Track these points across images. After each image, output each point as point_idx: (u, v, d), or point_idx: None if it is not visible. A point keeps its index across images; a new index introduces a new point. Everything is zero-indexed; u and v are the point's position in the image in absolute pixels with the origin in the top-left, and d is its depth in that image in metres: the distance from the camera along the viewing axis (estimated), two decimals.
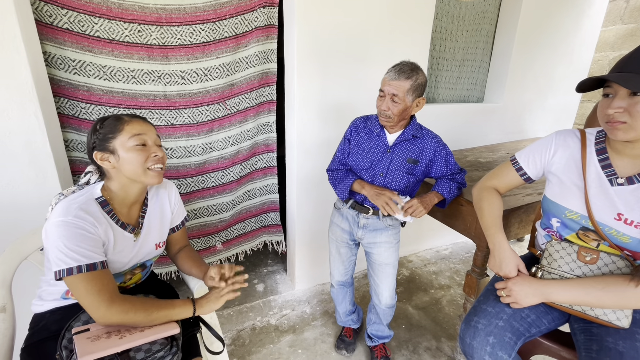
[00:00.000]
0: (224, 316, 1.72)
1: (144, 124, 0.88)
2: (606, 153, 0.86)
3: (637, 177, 0.80)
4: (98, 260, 0.78)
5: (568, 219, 0.92)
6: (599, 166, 0.86)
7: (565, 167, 0.92)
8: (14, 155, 1.13)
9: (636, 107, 0.73)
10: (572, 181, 0.90)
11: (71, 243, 0.75)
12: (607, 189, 0.84)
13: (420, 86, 1.08)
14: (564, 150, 0.93)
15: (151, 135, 0.88)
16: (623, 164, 0.83)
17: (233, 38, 1.50)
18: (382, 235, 1.26)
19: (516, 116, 2.42)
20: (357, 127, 1.25)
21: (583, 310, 0.88)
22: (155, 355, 0.77)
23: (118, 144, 0.83)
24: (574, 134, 0.94)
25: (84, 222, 0.77)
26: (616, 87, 0.76)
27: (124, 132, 0.84)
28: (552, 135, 0.97)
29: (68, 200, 0.81)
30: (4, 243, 0.99)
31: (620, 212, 0.81)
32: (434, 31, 2.00)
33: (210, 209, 1.73)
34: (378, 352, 1.46)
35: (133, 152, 0.84)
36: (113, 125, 0.84)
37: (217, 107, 1.57)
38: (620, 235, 0.83)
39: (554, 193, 0.94)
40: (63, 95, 1.29)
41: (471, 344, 0.93)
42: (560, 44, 2.37)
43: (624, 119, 0.75)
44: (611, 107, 0.76)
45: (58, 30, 1.21)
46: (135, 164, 0.84)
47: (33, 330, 0.88)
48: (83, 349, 0.72)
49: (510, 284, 0.92)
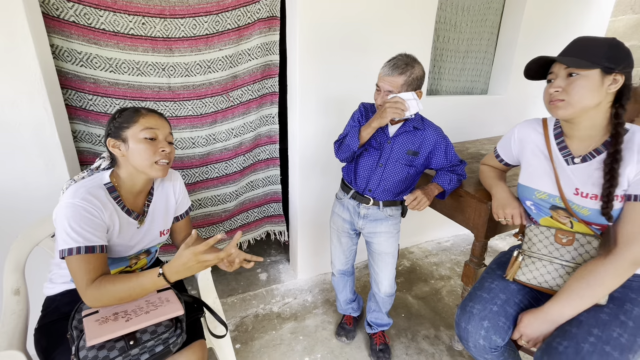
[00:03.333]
0: (228, 303, 1.77)
1: (159, 119, 0.91)
2: (562, 137, 0.96)
3: (588, 155, 0.90)
4: (97, 244, 0.82)
5: (538, 199, 0.99)
6: (557, 148, 0.96)
7: (532, 153, 1.02)
8: (24, 146, 1.17)
9: (571, 85, 0.83)
10: (538, 164, 0.99)
11: (75, 224, 0.79)
12: (564, 168, 0.93)
13: (415, 80, 1.08)
14: (527, 138, 1.04)
15: (163, 131, 0.91)
16: (576, 146, 0.93)
17: (235, 30, 1.51)
18: (382, 225, 1.28)
19: (521, 108, 2.40)
20: (366, 110, 1.26)
21: (551, 287, 0.95)
22: (161, 337, 0.81)
23: (130, 133, 0.87)
24: (536, 122, 1.05)
25: (89, 205, 0.81)
26: (556, 70, 0.87)
27: (137, 124, 0.87)
28: (516, 126, 1.10)
29: (78, 184, 0.85)
30: (16, 230, 1.03)
31: (577, 187, 0.90)
32: (437, 22, 1.98)
33: (214, 199, 1.77)
34: (377, 339, 1.49)
35: (142, 144, 0.87)
36: (130, 115, 0.88)
37: (221, 99, 1.59)
38: (581, 208, 0.90)
39: (525, 178, 1.04)
40: (70, 87, 1.32)
41: (466, 328, 0.97)
42: (567, 35, 2.32)
43: (562, 97, 0.85)
44: (552, 86, 0.87)
45: (65, 23, 1.24)
46: (143, 156, 0.87)
47: (45, 312, 0.93)
48: (92, 332, 0.76)
49: (522, 328, 0.91)
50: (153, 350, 0.79)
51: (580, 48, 0.85)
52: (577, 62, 0.81)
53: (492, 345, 0.92)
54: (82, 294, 0.79)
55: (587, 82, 0.81)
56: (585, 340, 0.79)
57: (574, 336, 0.80)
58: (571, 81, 0.83)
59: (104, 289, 0.79)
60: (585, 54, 0.82)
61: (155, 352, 0.79)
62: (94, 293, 0.79)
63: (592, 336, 0.79)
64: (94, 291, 0.79)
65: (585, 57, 0.81)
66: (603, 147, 0.87)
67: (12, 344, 0.81)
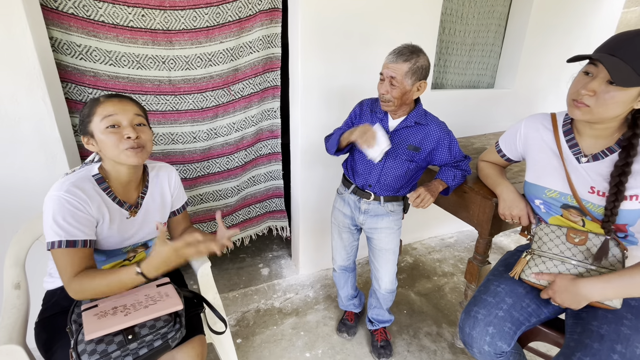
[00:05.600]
0: (230, 298, 1.77)
1: (118, 103, 0.84)
2: (572, 134, 0.92)
3: (601, 154, 0.87)
4: (80, 238, 0.81)
5: (549, 198, 0.95)
6: (566, 146, 0.92)
7: (540, 150, 0.97)
8: (24, 139, 1.16)
9: (606, 95, 0.76)
10: (548, 162, 0.95)
11: (59, 217, 0.79)
12: (576, 166, 0.90)
13: (420, 69, 1.05)
14: (534, 134, 1.00)
15: (126, 115, 0.84)
16: (587, 144, 0.89)
17: (237, 22, 1.48)
18: (383, 220, 1.26)
19: (528, 103, 2.35)
20: (362, 110, 1.25)
21: None
22: (159, 331, 0.80)
23: (94, 126, 0.83)
24: (544, 117, 1.00)
25: (73, 198, 0.80)
26: (601, 69, 0.76)
27: (96, 115, 0.82)
28: (522, 120, 1.04)
29: (65, 177, 0.84)
30: (17, 224, 1.03)
31: (592, 185, 0.87)
32: (443, 13, 1.93)
33: (216, 194, 1.76)
34: (378, 335, 1.48)
35: (105, 135, 0.82)
36: (89, 108, 0.84)
37: (222, 92, 1.58)
38: (597, 207, 0.86)
39: (533, 175, 1.00)
40: (70, 81, 1.31)
41: (470, 333, 0.94)
42: (577, 27, 2.26)
43: (589, 103, 0.78)
44: (586, 88, 0.78)
45: (63, 15, 1.22)
46: (110, 146, 0.82)
47: (45, 306, 0.94)
48: (90, 326, 0.76)
49: (551, 293, 0.88)
50: (152, 344, 0.79)
51: (634, 53, 0.72)
52: (629, 80, 0.72)
53: (497, 351, 0.90)
54: (65, 286, 0.80)
55: (624, 97, 0.75)
56: (609, 357, 0.76)
57: (597, 352, 0.77)
58: (608, 90, 0.76)
59: (85, 283, 0.79)
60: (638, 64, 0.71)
61: (154, 346, 0.79)
62: (75, 287, 0.79)
63: (615, 353, 0.76)
64: (75, 285, 0.79)
65: (638, 68, 0.71)
66: (617, 145, 0.84)
67: (12, 338, 0.81)
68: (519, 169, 1.41)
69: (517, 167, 1.43)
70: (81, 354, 0.74)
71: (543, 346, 1.17)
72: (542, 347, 1.18)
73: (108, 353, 0.74)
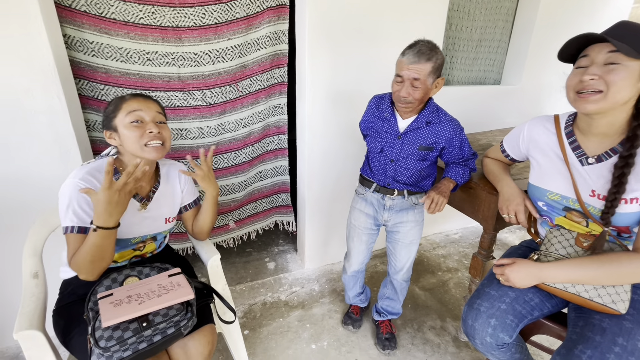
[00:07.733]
0: (237, 291, 1.81)
1: (143, 101, 0.92)
2: (574, 135, 0.91)
3: (604, 155, 0.85)
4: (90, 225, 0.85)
5: (551, 201, 0.96)
6: (569, 148, 0.91)
7: (542, 153, 0.97)
8: (39, 134, 1.20)
9: (610, 74, 0.73)
10: (551, 164, 0.95)
11: (74, 203, 0.84)
12: (579, 169, 0.89)
13: (440, 67, 1.04)
14: (537, 136, 0.99)
15: (149, 112, 0.91)
16: (591, 144, 0.88)
17: (244, 19, 1.50)
18: (408, 214, 1.27)
19: (535, 99, 2.34)
20: (369, 108, 1.26)
21: (577, 293, 0.88)
22: (172, 319, 0.83)
23: (118, 121, 0.89)
24: (547, 120, 0.99)
25: (87, 185, 0.85)
26: (594, 54, 0.76)
27: (122, 110, 0.89)
28: (525, 123, 1.04)
29: (82, 166, 0.89)
30: (33, 216, 1.07)
31: (593, 188, 0.87)
32: (450, 9, 1.93)
33: (224, 189, 1.79)
34: (384, 327, 1.51)
35: (129, 129, 0.89)
36: (115, 104, 0.91)
37: (230, 89, 1.60)
38: (598, 211, 0.87)
39: (535, 177, 1.00)
40: (83, 77, 1.34)
41: (473, 325, 0.95)
42: (586, 23, 2.24)
43: (600, 87, 0.75)
44: (587, 73, 0.76)
45: (76, 13, 1.25)
46: (133, 140, 0.89)
47: (62, 295, 0.97)
48: (107, 313, 0.79)
49: (507, 270, 0.94)
50: (165, 332, 0.82)
51: (630, 33, 0.73)
52: (628, 50, 0.71)
53: (499, 343, 0.92)
54: (69, 266, 0.86)
55: (628, 74, 0.73)
56: (610, 350, 0.76)
57: (598, 345, 0.78)
58: (610, 70, 0.74)
59: (76, 258, 0.85)
60: (636, 41, 0.72)
61: (167, 333, 0.82)
62: (73, 266, 0.86)
63: (617, 346, 0.77)
64: (73, 264, 0.86)
65: (635, 45, 0.71)
66: (620, 146, 0.82)
67: (33, 325, 0.85)
68: (524, 165, 1.42)
69: (523, 163, 1.43)
70: (99, 339, 0.77)
71: (546, 340, 1.19)
72: (545, 340, 1.20)
73: (124, 339, 0.77)
